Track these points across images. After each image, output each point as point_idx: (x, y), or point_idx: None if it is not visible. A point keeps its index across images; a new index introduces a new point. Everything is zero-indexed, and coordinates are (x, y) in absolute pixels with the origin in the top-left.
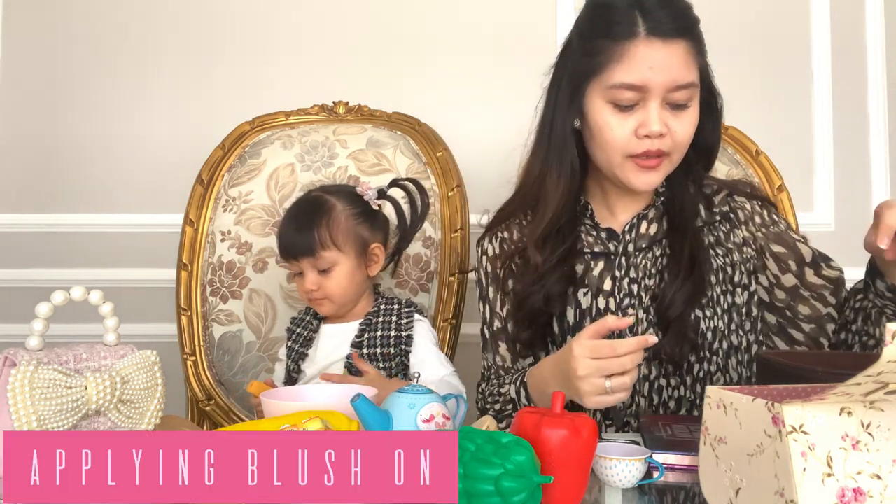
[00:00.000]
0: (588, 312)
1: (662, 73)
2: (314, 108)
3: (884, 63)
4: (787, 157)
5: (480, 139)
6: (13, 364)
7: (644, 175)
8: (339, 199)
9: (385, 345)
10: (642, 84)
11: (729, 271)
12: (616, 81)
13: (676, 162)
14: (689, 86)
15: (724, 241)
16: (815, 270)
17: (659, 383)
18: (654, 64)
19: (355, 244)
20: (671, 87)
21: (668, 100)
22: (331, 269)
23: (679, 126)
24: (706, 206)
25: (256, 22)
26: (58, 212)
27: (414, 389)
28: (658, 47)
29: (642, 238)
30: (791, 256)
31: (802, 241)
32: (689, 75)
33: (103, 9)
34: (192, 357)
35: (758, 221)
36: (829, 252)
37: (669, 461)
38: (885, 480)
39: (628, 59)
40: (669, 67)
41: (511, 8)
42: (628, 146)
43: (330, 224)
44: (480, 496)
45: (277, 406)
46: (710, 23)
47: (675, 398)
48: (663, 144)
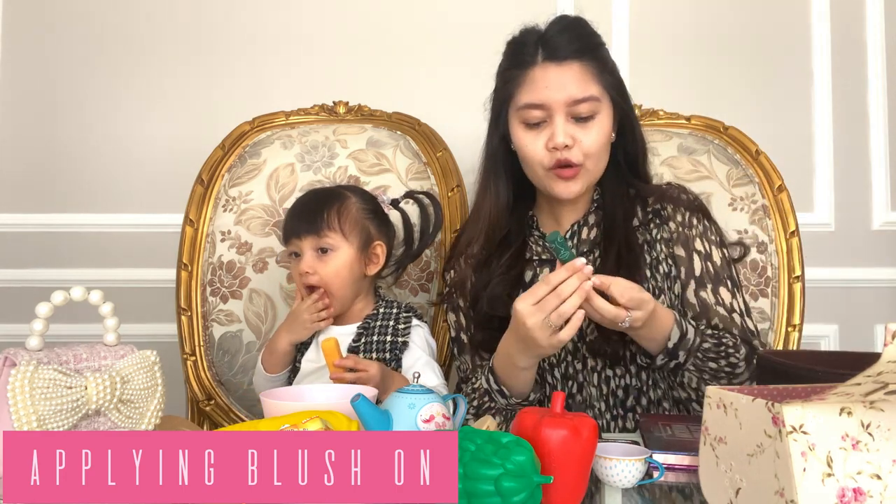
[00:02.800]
0: None
1: (559, 91)
2: (314, 108)
3: (884, 63)
4: (787, 157)
5: (480, 139)
6: (13, 364)
7: (563, 184)
8: (353, 193)
9: (381, 350)
10: (542, 102)
11: (662, 268)
12: (522, 103)
13: (594, 170)
14: (587, 99)
15: (656, 238)
16: (697, 289)
17: (606, 374)
18: (550, 84)
19: (360, 236)
20: (569, 101)
21: (571, 114)
22: (331, 251)
23: (585, 136)
24: (642, 207)
25: (256, 22)
26: (58, 212)
27: (414, 389)
28: (553, 69)
29: (583, 243)
30: (684, 263)
31: (709, 255)
32: (587, 90)
33: (103, 9)
34: (192, 357)
35: (678, 220)
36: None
37: (669, 461)
38: (885, 480)
39: (529, 82)
40: (565, 85)
41: (511, 8)
42: (543, 159)
43: (341, 209)
44: (480, 496)
45: (277, 406)
46: (710, 24)
47: (623, 386)
48: (572, 155)
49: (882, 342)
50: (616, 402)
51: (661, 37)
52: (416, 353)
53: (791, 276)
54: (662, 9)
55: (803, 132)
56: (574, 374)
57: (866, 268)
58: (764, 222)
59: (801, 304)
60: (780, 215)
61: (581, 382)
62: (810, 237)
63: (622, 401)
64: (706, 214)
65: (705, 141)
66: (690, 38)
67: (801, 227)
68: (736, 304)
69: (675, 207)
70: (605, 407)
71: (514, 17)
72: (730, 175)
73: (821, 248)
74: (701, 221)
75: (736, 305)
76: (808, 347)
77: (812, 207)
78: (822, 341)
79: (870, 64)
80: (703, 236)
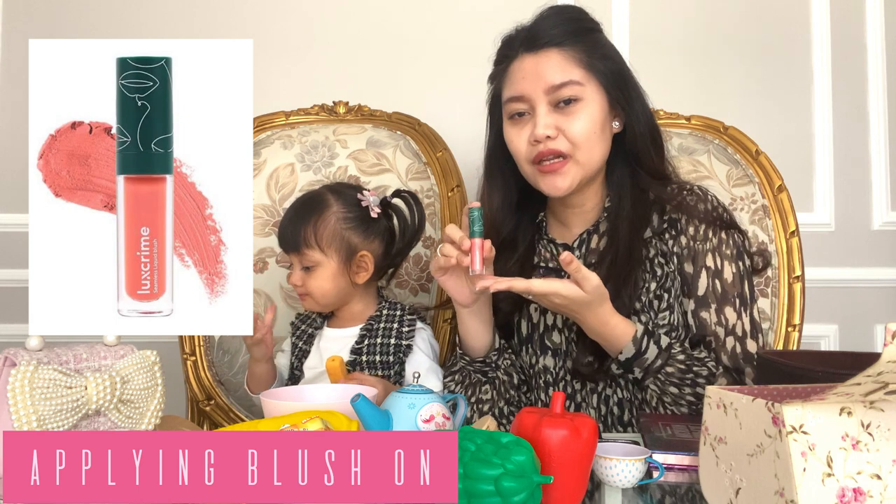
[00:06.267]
0: (536, 327)
1: (535, 80)
2: (314, 108)
3: (884, 63)
4: (787, 157)
5: (480, 139)
6: (13, 364)
7: (549, 179)
8: (338, 201)
9: (385, 353)
10: (520, 94)
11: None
12: (505, 97)
13: (585, 162)
14: (566, 84)
15: (672, 250)
16: (697, 309)
17: (605, 393)
18: (526, 74)
19: (340, 249)
20: (547, 89)
21: (553, 101)
22: (313, 268)
23: (570, 124)
24: (659, 214)
25: (256, 22)
26: None
27: (414, 389)
28: (528, 59)
29: (592, 253)
30: (690, 281)
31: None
32: (566, 75)
33: (103, 9)
34: (192, 357)
35: (691, 233)
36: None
37: (669, 461)
38: (885, 480)
39: (509, 75)
40: (539, 74)
41: (511, 8)
42: (528, 154)
43: (317, 224)
44: (480, 496)
45: (277, 406)
46: (710, 24)
47: (616, 402)
48: (557, 145)
49: (882, 342)
50: (614, 420)
51: (660, 37)
52: (420, 357)
53: (791, 276)
54: (662, 9)
55: (803, 132)
56: (573, 395)
57: (866, 268)
58: (764, 222)
59: (801, 304)
60: (780, 215)
61: (579, 403)
62: (810, 237)
63: (619, 417)
64: (724, 225)
65: (705, 141)
66: (690, 38)
67: (801, 227)
68: (740, 324)
69: (689, 219)
70: (605, 427)
71: (514, 18)
72: (730, 175)
73: (821, 248)
74: (717, 234)
75: (739, 327)
76: (808, 347)
77: (812, 207)
78: (822, 341)
79: (870, 64)
80: (715, 250)
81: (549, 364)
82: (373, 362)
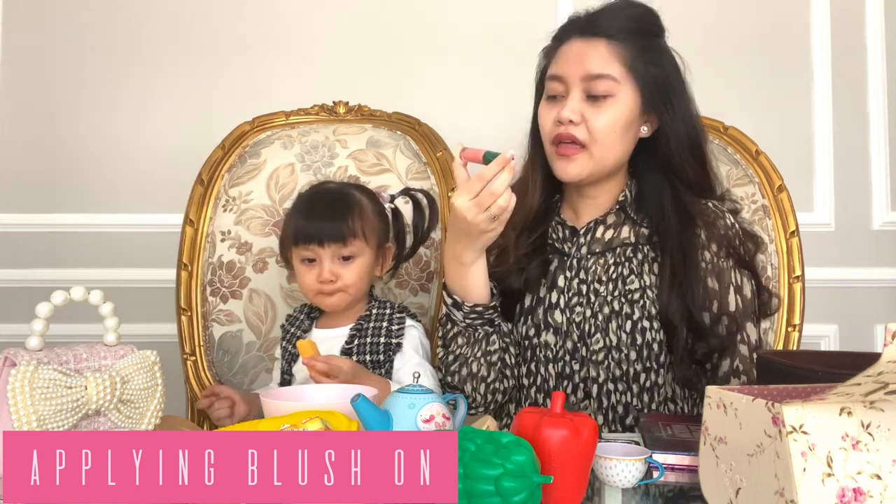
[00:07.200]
0: (541, 302)
1: (577, 66)
2: (314, 108)
3: (884, 63)
4: (787, 157)
5: (480, 139)
6: (13, 364)
7: (561, 163)
8: (363, 195)
9: (375, 352)
10: (560, 74)
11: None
12: (549, 74)
13: (600, 158)
14: (602, 76)
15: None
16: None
17: (607, 387)
18: (571, 57)
19: (376, 239)
20: (584, 76)
21: (587, 91)
22: (353, 258)
23: (595, 117)
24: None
25: (256, 22)
26: (58, 212)
27: (414, 389)
28: (577, 44)
29: (597, 242)
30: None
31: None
32: (605, 68)
33: (103, 9)
34: (192, 357)
35: (713, 249)
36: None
37: (669, 461)
38: (885, 480)
39: (558, 54)
40: (584, 61)
41: (511, 8)
42: (550, 133)
43: (362, 216)
44: (480, 496)
45: (277, 406)
46: (710, 24)
47: (623, 403)
48: (577, 132)
49: (882, 342)
50: (615, 418)
51: None
52: (408, 354)
53: (791, 275)
54: (662, 9)
55: (803, 132)
56: (571, 375)
57: (866, 268)
58: (764, 222)
59: (801, 304)
60: (780, 215)
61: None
62: (810, 237)
63: (622, 417)
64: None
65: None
66: (690, 39)
67: (801, 227)
68: (755, 335)
69: (709, 234)
70: (604, 421)
71: (514, 18)
72: (730, 175)
73: (821, 248)
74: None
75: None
76: (808, 347)
77: (812, 207)
78: (822, 341)
79: (870, 64)
80: (735, 268)
81: (551, 341)
82: (363, 362)
